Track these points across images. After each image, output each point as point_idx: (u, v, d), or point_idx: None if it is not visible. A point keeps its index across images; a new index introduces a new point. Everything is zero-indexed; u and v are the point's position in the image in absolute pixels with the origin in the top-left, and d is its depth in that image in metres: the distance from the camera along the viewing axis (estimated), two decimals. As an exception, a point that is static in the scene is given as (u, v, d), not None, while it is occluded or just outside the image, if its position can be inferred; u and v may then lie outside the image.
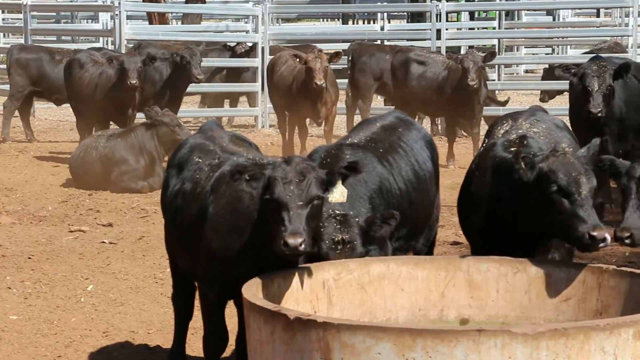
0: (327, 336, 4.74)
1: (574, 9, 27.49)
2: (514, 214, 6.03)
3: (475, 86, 14.68)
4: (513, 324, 5.68)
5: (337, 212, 5.95)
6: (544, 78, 19.97)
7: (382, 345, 4.65)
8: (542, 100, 19.74)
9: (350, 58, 17.36)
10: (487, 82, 16.61)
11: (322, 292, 5.67)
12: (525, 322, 5.68)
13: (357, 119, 16.14)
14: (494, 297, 5.82)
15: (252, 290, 5.27)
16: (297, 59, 14.91)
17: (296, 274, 5.58)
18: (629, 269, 5.69)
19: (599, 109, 10.66)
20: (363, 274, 5.78)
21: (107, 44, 21.90)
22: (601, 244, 5.65)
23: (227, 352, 6.50)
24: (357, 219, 6.00)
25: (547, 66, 20.33)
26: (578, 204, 5.69)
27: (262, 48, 19.49)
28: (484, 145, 6.67)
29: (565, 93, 19.74)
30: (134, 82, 14.39)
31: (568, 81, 12.10)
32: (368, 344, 4.67)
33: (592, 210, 5.68)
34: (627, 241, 5.72)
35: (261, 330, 5.03)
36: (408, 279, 5.85)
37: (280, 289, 5.50)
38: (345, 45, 18.95)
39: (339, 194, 5.68)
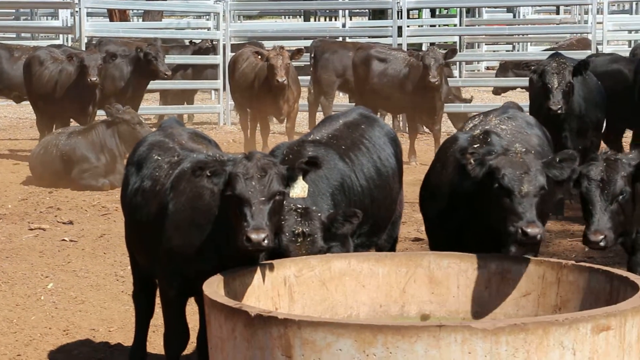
0: (288, 333, 4.74)
1: (534, 6, 27.65)
2: (470, 208, 6.05)
3: (436, 83, 14.71)
4: (473, 319, 5.70)
5: (299, 205, 5.95)
6: (497, 74, 20.11)
7: (342, 341, 4.65)
8: (495, 93, 20.00)
9: (312, 55, 17.35)
10: (448, 79, 16.66)
11: (283, 288, 5.67)
12: (485, 318, 5.71)
13: (320, 116, 16.14)
14: (455, 293, 5.84)
15: (213, 287, 5.26)
16: (259, 56, 14.89)
17: (257, 271, 5.57)
18: (587, 264, 5.73)
19: (559, 106, 10.71)
20: (324, 271, 5.79)
21: (67, 41, 21.75)
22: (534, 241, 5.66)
23: (189, 349, 6.49)
24: (319, 214, 6.01)
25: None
26: (517, 201, 5.67)
27: (224, 45, 19.45)
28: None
29: (519, 89, 20.02)
30: (94, 79, 14.30)
31: (527, 77, 12.16)
32: (329, 340, 4.67)
33: (531, 208, 5.64)
34: (601, 244, 5.72)
35: (222, 327, 5.02)
36: (369, 275, 5.86)
37: (241, 286, 5.49)
38: (307, 43, 18.95)
39: (299, 189, 5.68)
